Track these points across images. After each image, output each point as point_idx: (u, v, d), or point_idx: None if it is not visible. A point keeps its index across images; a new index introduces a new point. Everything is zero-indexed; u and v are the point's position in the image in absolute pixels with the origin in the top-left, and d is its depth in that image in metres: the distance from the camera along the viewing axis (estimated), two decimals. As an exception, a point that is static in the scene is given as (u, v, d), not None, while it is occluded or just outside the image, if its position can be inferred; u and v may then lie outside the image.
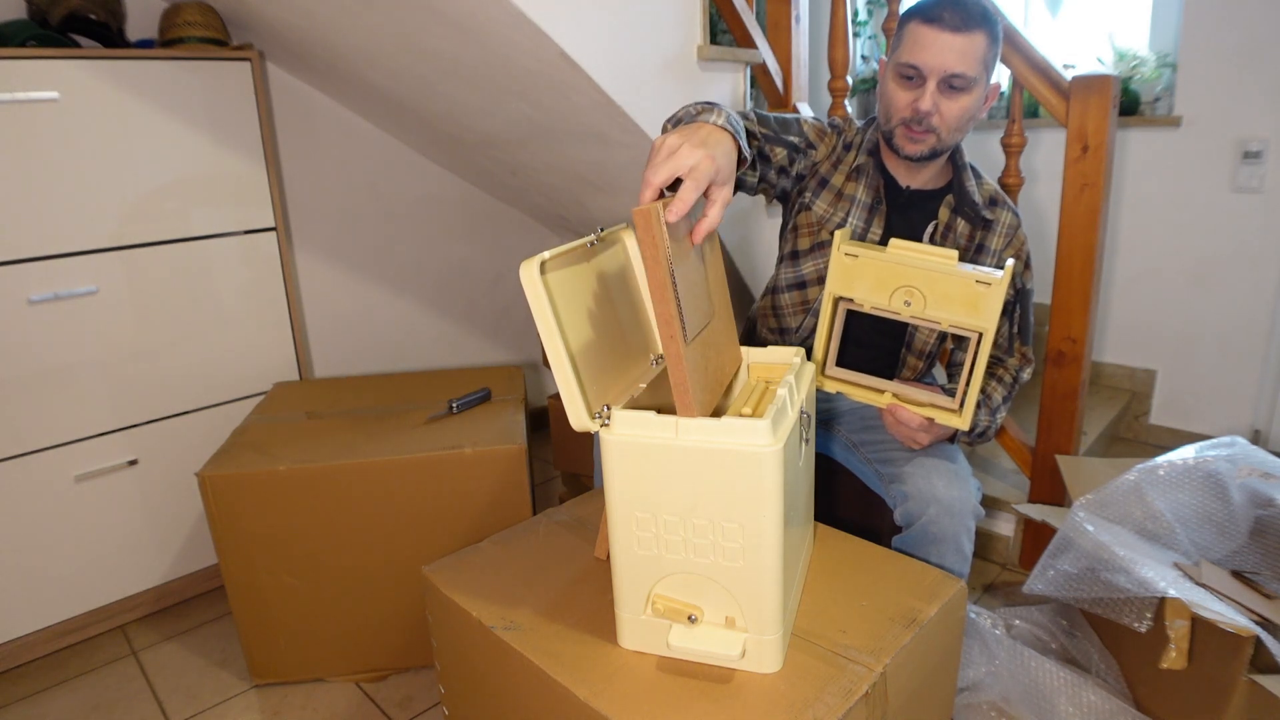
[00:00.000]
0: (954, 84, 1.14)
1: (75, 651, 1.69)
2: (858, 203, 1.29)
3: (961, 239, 1.29)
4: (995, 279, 1.02)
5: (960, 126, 1.19)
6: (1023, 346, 1.32)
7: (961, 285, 1.04)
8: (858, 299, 1.11)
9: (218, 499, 1.39)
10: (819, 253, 1.32)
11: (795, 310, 1.37)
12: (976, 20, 1.12)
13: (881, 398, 1.13)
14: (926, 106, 1.15)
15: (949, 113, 1.16)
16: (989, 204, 1.29)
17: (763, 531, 0.76)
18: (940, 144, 1.20)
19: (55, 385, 1.59)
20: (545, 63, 1.42)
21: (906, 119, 1.18)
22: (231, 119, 1.73)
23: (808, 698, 0.77)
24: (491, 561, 1.03)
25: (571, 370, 0.79)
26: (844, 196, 1.30)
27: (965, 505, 1.12)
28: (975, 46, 1.12)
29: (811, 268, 1.33)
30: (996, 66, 1.20)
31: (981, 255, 1.30)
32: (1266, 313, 2.19)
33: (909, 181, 1.29)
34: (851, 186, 1.29)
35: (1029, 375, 1.33)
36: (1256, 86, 2.08)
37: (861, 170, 1.29)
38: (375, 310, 2.32)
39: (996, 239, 1.29)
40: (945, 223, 1.29)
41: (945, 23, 1.12)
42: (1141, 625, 1.19)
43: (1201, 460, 1.35)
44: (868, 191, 1.29)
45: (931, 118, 1.16)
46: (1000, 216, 1.29)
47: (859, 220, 1.29)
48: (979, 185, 1.30)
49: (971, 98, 1.16)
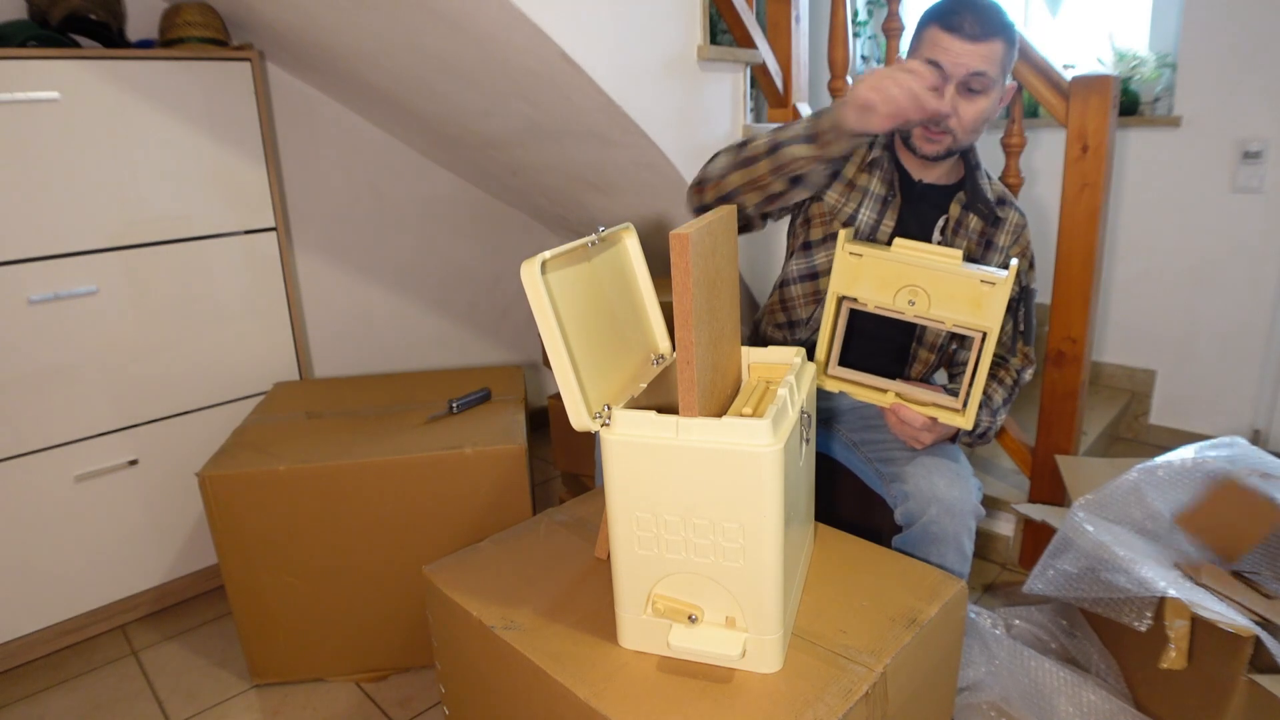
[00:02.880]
0: (973, 86, 1.16)
1: (75, 651, 1.69)
2: (871, 194, 1.30)
3: (973, 235, 1.31)
4: (999, 279, 1.02)
5: (976, 128, 1.21)
6: (1025, 347, 1.33)
7: (966, 285, 1.04)
8: (862, 298, 1.11)
9: (218, 499, 1.39)
10: (831, 243, 1.32)
11: (807, 300, 1.37)
12: (995, 29, 1.13)
13: (885, 397, 1.13)
14: (946, 108, 1.16)
15: (966, 114, 1.18)
16: (998, 203, 1.31)
17: (763, 531, 0.76)
18: (956, 144, 1.22)
19: (55, 385, 1.59)
20: (545, 63, 1.42)
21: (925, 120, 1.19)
22: (231, 119, 1.73)
23: (808, 698, 0.77)
24: (491, 561, 1.03)
25: (572, 370, 0.79)
26: (856, 187, 1.31)
27: (966, 505, 1.12)
28: (994, 53, 1.14)
29: (824, 257, 1.33)
30: (1011, 69, 1.21)
31: (990, 252, 1.31)
32: (1266, 313, 2.19)
33: (921, 175, 1.31)
34: (865, 178, 1.31)
35: (1030, 376, 1.33)
36: (1256, 86, 2.08)
37: (876, 163, 1.30)
38: (375, 310, 2.32)
39: (1004, 236, 1.31)
40: (956, 218, 1.30)
41: (965, 32, 1.13)
42: (1141, 624, 1.19)
43: (1201, 460, 1.35)
44: (882, 184, 1.30)
45: (949, 119, 1.18)
46: (1008, 215, 1.32)
47: (872, 212, 1.30)
48: (989, 184, 1.32)
49: (989, 100, 1.18)
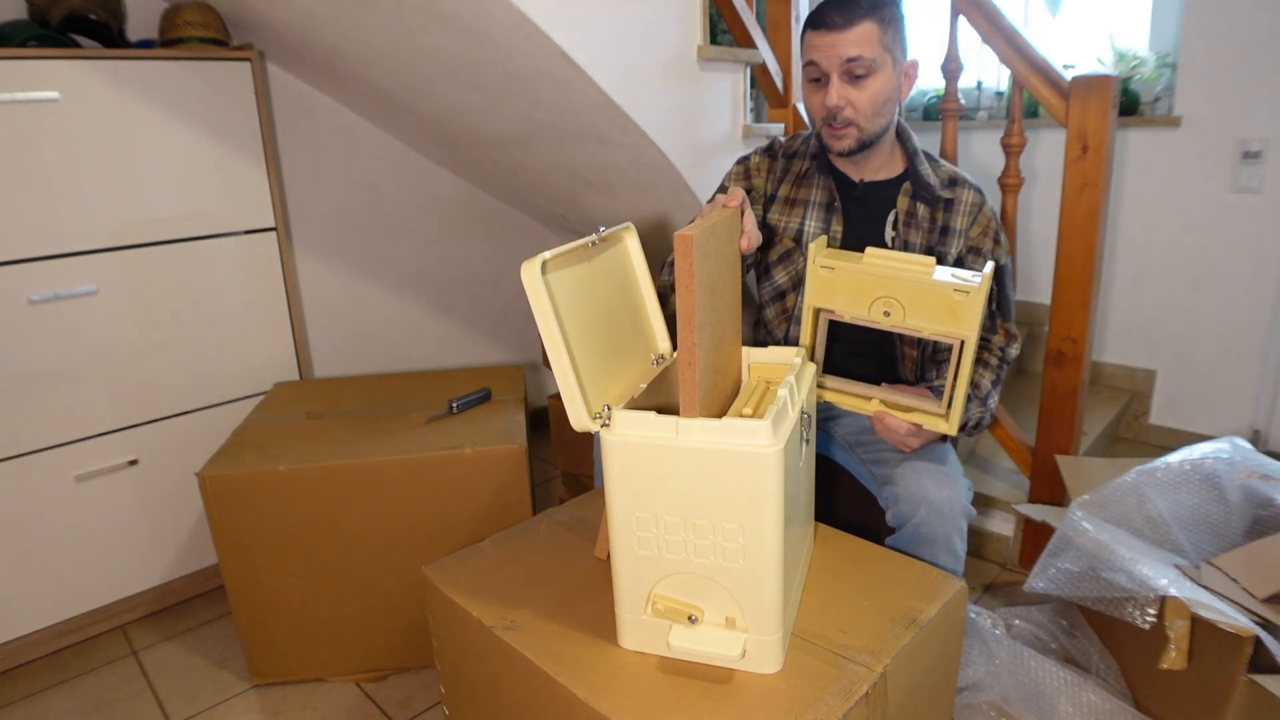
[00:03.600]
0: (855, 71, 1.17)
1: (75, 651, 1.69)
2: (813, 204, 1.31)
3: (924, 223, 1.29)
4: (973, 287, 1.01)
5: (878, 111, 1.20)
6: (1005, 323, 1.31)
7: (939, 295, 1.04)
8: (838, 310, 1.11)
9: (218, 499, 1.39)
10: (786, 260, 1.35)
11: (779, 321, 1.39)
12: (860, 13, 1.15)
13: (869, 405, 1.13)
14: (834, 101, 1.18)
15: (860, 101, 1.19)
16: (948, 184, 1.30)
17: (763, 532, 0.76)
18: (864, 134, 1.22)
19: (55, 385, 1.59)
20: (545, 63, 1.42)
21: (824, 118, 1.22)
22: (231, 119, 1.73)
23: (808, 698, 0.77)
24: (491, 561, 1.03)
25: (572, 370, 0.79)
26: (796, 202, 1.32)
27: (955, 506, 1.13)
28: (865, 35, 1.15)
29: (784, 276, 1.36)
30: (905, 46, 1.22)
31: (947, 237, 1.29)
32: (1266, 313, 2.19)
33: (860, 175, 1.31)
34: (804, 191, 1.32)
35: (1016, 351, 1.31)
36: (1256, 86, 2.08)
37: (807, 175, 1.32)
38: (375, 310, 2.32)
39: (960, 218, 1.29)
40: (906, 210, 1.30)
41: (830, 24, 1.16)
42: (1143, 622, 1.19)
43: (1200, 462, 1.36)
44: (821, 192, 1.31)
45: (844, 111, 1.19)
46: (961, 195, 1.29)
47: (817, 221, 1.31)
48: (935, 169, 1.30)
49: (879, 81, 1.18)
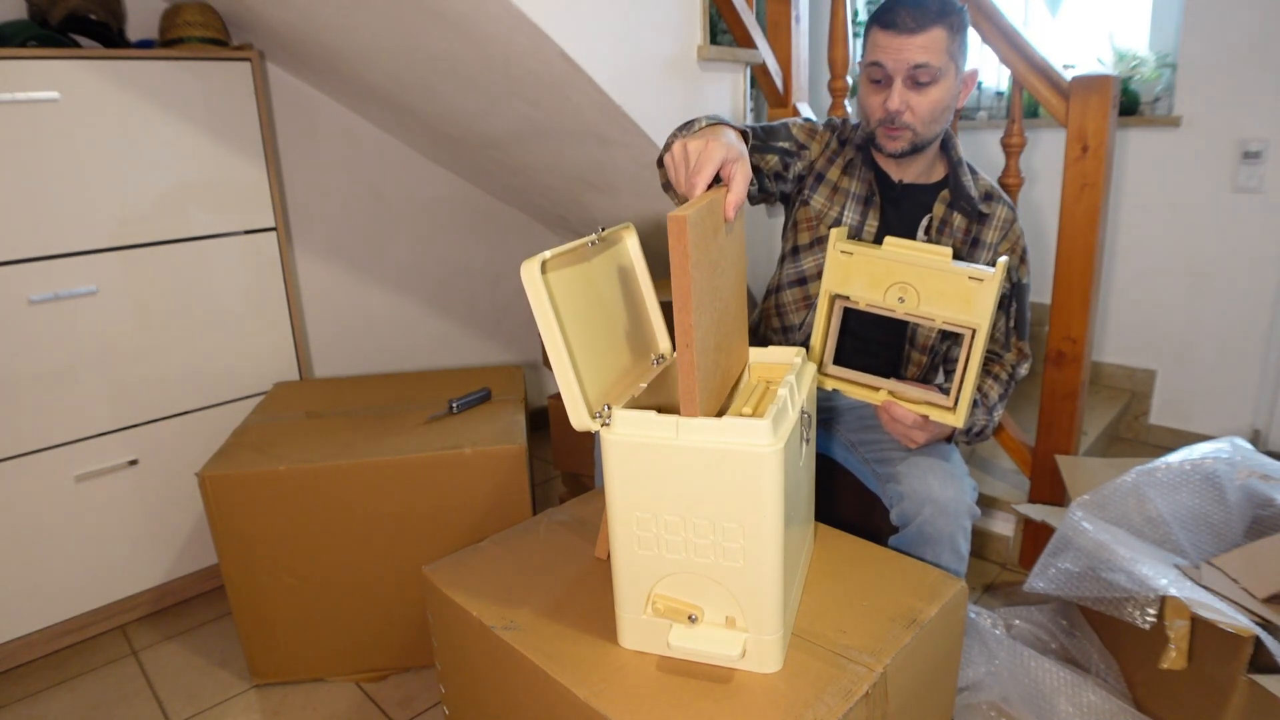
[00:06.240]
0: (919, 78, 1.16)
1: (75, 651, 1.69)
2: (852, 196, 1.31)
3: (958, 233, 1.30)
4: (988, 275, 1.03)
5: (935, 118, 1.20)
6: (1019, 342, 1.33)
7: (954, 282, 1.05)
8: (853, 296, 1.12)
9: (218, 499, 1.39)
10: (818, 248, 1.33)
11: (798, 306, 1.38)
12: (932, 18, 1.14)
13: (877, 395, 1.13)
14: (895, 105, 1.18)
15: (920, 107, 1.18)
16: (984, 199, 1.31)
17: (763, 531, 0.76)
18: (918, 138, 1.22)
19: (55, 385, 1.59)
20: (545, 63, 1.42)
21: (881, 120, 1.21)
22: (231, 119, 1.73)
23: (808, 698, 0.77)
24: (491, 561, 1.03)
25: (572, 370, 0.79)
26: (840, 190, 1.32)
27: (960, 505, 1.12)
28: (934, 42, 1.14)
29: (811, 263, 1.34)
30: (967, 54, 1.21)
31: (977, 249, 1.30)
32: (1266, 313, 2.19)
33: (900, 176, 1.31)
34: (846, 181, 1.31)
35: (1026, 370, 1.33)
36: (1256, 86, 2.08)
37: (853, 165, 1.31)
38: (375, 310, 2.31)
39: (992, 233, 1.30)
40: (940, 217, 1.30)
41: (901, 26, 1.14)
42: (1143, 622, 1.19)
43: (1200, 462, 1.36)
44: (861, 185, 1.31)
45: (903, 115, 1.19)
46: (995, 211, 1.30)
47: (854, 214, 1.31)
48: (975, 180, 1.31)
49: (941, 89, 1.18)
